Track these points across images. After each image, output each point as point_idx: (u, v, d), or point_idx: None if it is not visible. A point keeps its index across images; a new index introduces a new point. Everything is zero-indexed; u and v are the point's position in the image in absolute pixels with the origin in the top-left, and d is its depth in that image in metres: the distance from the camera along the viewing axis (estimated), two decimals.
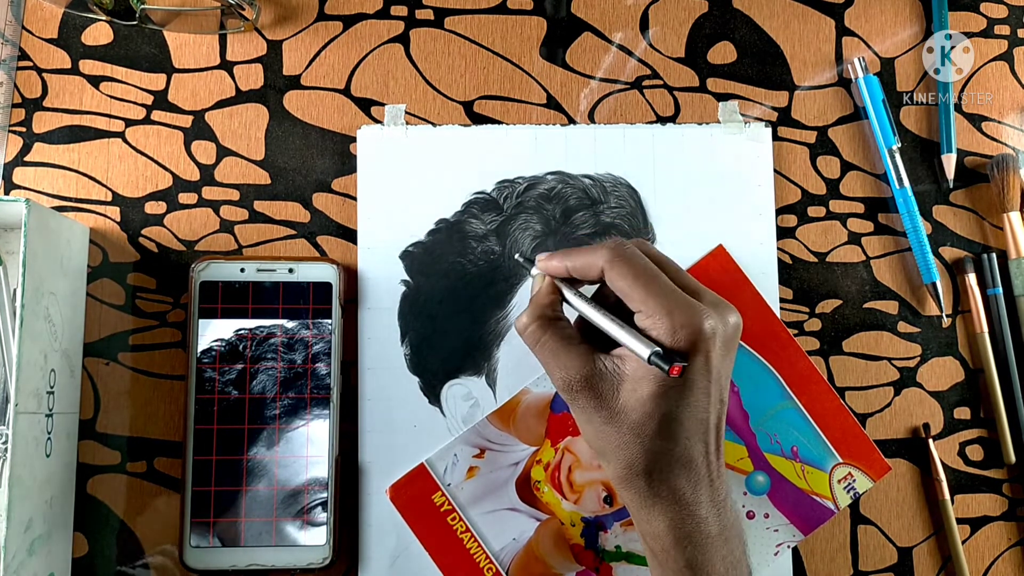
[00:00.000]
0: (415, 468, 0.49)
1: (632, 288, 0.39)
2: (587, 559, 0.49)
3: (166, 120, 0.53)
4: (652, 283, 0.39)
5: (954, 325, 0.53)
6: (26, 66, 0.53)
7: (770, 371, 0.50)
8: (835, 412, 0.50)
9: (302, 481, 0.48)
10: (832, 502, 0.50)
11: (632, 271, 0.40)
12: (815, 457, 0.50)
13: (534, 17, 0.55)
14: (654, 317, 0.39)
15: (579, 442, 0.50)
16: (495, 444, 0.50)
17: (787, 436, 0.50)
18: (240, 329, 0.49)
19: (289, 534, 0.48)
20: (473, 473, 0.49)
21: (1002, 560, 0.52)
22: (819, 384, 0.51)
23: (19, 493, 0.42)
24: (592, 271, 0.41)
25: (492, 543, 0.49)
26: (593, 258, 0.41)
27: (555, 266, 0.43)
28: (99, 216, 0.52)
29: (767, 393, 0.50)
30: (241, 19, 0.53)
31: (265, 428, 0.49)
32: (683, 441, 0.39)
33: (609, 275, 0.40)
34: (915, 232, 0.53)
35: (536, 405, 0.50)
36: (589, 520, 0.49)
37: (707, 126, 0.53)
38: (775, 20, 0.55)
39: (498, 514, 0.49)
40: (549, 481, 0.50)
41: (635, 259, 0.40)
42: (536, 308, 0.43)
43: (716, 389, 0.40)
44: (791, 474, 0.50)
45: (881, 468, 0.50)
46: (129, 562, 0.49)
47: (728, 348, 0.40)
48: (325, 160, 0.53)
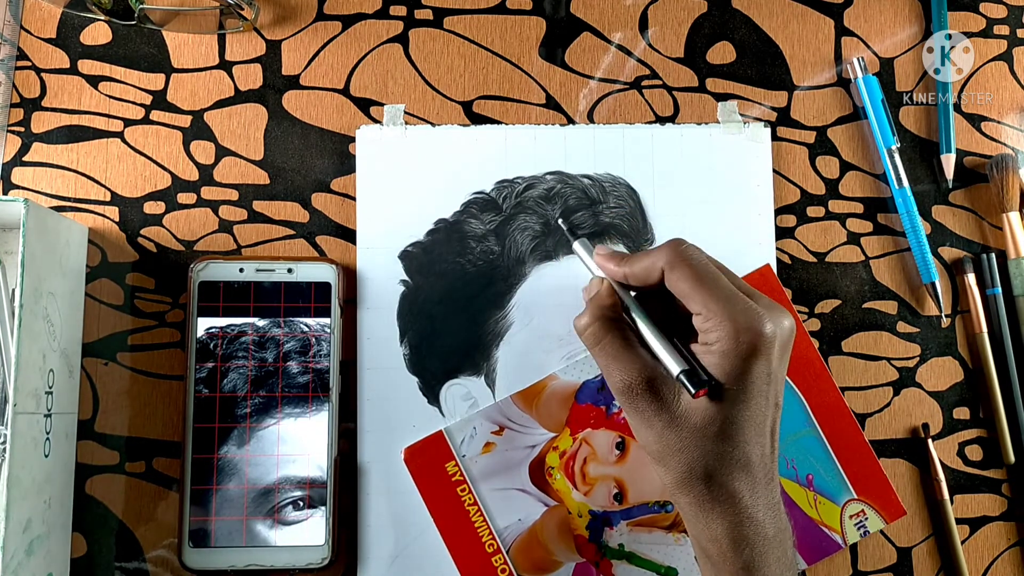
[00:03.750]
0: (432, 434, 0.49)
1: (694, 291, 0.40)
2: (589, 552, 0.49)
3: (165, 120, 0.53)
4: (714, 287, 0.39)
5: (953, 325, 0.53)
6: (25, 66, 0.53)
7: (798, 396, 0.50)
8: (857, 448, 0.50)
9: (301, 481, 0.48)
10: (840, 536, 0.50)
11: (694, 274, 0.40)
12: (830, 489, 0.50)
13: (533, 17, 0.55)
14: (715, 320, 0.39)
15: (597, 435, 0.50)
16: (515, 424, 0.50)
17: (804, 463, 0.50)
18: (239, 329, 0.49)
19: (288, 534, 0.48)
20: (489, 448, 0.49)
21: (1001, 560, 0.52)
22: (846, 419, 0.50)
23: (18, 493, 0.42)
24: (652, 275, 0.41)
25: (497, 520, 0.49)
26: (653, 260, 0.41)
27: (614, 270, 0.43)
28: (98, 216, 0.52)
29: (791, 418, 0.50)
30: (240, 19, 0.53)
31: (263, 428, 0.49)
32: (742, 444, 0.39)
33: (670, 277, 0.41)
34: (914, 232, 0.52)
35: (561, 392, 0.50)
36: (597, 514, 0.49)
37: (706, 126, 0.53)
38: (774, 20, 0.55)
39: (507, 493, 0.49)
40: (563, 469, 0.50)
41: (696, 261, 0.40)
42: (597, 309, 0.43)
43: (773, 392, 0.40)
44: (803, 501, 0.50)
45: (896, 511, 0.50)
46: (128, 562, 0.49)
47: (785, 351, 0.40)
48: (324, 160, 0.53)
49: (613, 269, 0.44)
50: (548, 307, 0.51)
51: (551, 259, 0.52)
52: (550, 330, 0.51)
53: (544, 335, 0.51)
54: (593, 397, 0.50)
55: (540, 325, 0.51)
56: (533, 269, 0.51)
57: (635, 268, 0.42)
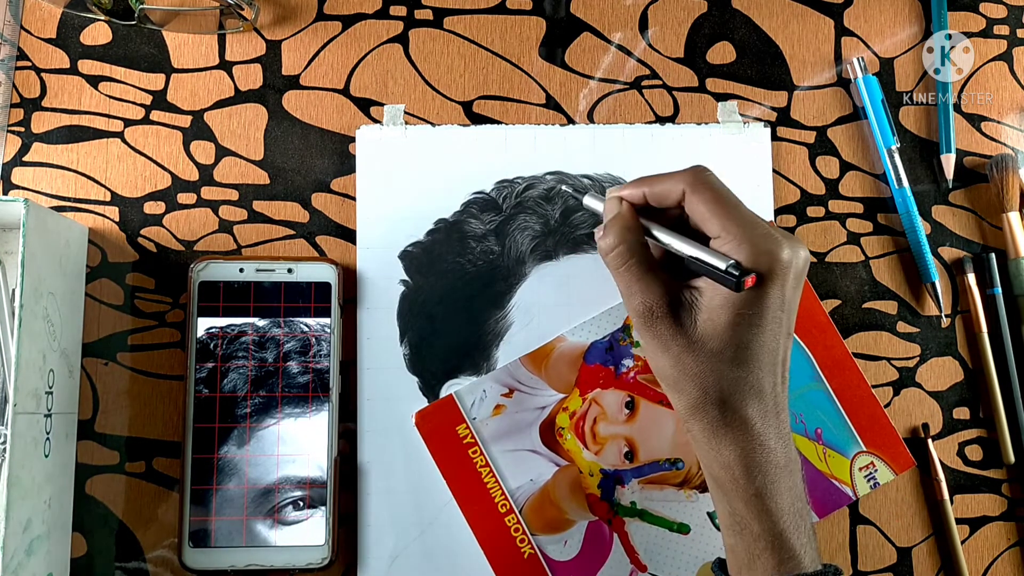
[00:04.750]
0: (443, 398, 0.50)
1: (713, 213, 0.40)
2: (601, 510, 0.49)
3: (165, 120, 0.53)
4: (733, 210, 0.40)
5: (953, 325, 0.53)
6: (25, 66, 0.53)
7: (804, 351, 0.51)
8: (864, 400, 0.50)
9: (301, 480, 0.48)
10: (851, 488, 0.50)
11: (714, 196, 0.40)
12: (838, 442, 0.50)
13: (533, 17, 0.55)
14: (734, 242, 0.39)
15: (607, 395, 0.50)
16: (525, 386, 0.50)
17: (812, 417, 0.50)
18: (239, 329, 0.49)
19: (288, 534, 0.48)
20: (499, 411, 0.50)
21: (1001, 560, 0.52)
22: (852, 371, 0.50)
23: (17, 493, 0.42)
24: (672, 196, 0.42)
25: (509, 481, 0.49)
26: (673, 183, 0.41)
27: (632, 192, 0.43)
28: (98, 216, 0.52)
29: (798, 372, 0.50)
30: (240, 19, 0.53)
31: (263, 428, 0.49)
32: (756, 371, 0.40)
33: (690, 199, 0.41)
34: (914, 232, 0.52)
35: (570, 354, 0.50)
36: (608, 472, 0.50)
37: (706, 126, 0.53)
38: (774, 20, 0.55)
39: (519, 454, 0.50)
40: (573, 429, 0.50)
41: (716, 185, 0.41)
42: (621, 232, 0.42)
43: (787, 320, 0.40)
44: (812, 455, 0.50)
45: (905, 462, 0.50)
46: (128, 562, 0.49)
47: (799, 281, 0.41)
48: (324, 160, 0.53)
49: (632, 191, 0.43)
50: (548, 307, 0.51)
51: (551, 259, 0.52)
52: (550, 330, 0.51)
53: (544, 335, 0.51)
54: (602, 357, 0.50)
55: (540, 325, 0.51)
56: (533, 269, 0.51)
57: (656, 188, 0.42)
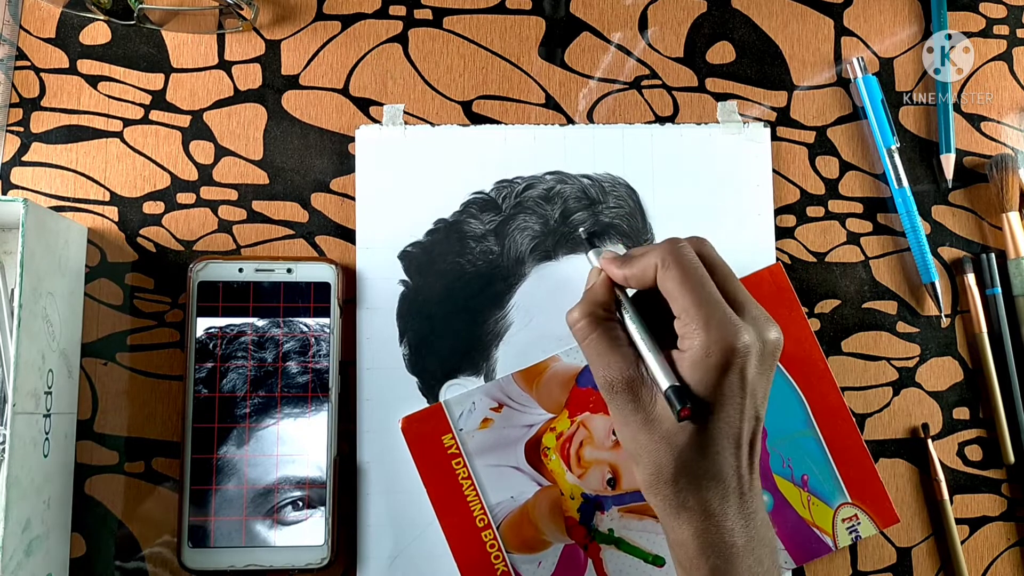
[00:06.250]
0: (432, 406, 0.50)
1: (678, 292, 0.40)
2: (578, 535, 0.49)
3: (164, 120, 0.53)
4: (697, 291, 0.39)
5: (953, 325, 0.53)
6: (24, 66, 0.53)
7: (799, 396, 0.50)
8: (855, 451, 0.50)
9: (301, 481, 0.48)
10: (831, 539, 0.50)
11: (681, 274, 0.40)
12: (824, 491, 0.50)
13: (533, 17, 0.55)
14: (691, 326, 0.39)
15: (595, 419, 0.50)
16: (514, 402, 0.50)
17: (800, 463, 0.50)
18: (239, 329, 0.49)
19: (288, 534, 0.48)
20: (487, 424, 0.50)
21: (1001, 560, 0.52)
22: (846, 422, 0.50)
23: (17, 494, 0.42)
24: (647, 276, 0.42)
25: (490, 496, 0.49)
26: (649, 260, 0.41)
27: (615, 273, 0.44)
28: (97, 216, 0.52)
29: (791, 417, 0.50)
30: (239, 19, 0.53)
31: (263, 428, 0.49)
32: (712, 455, 0.39)
33: (661, 275, 0.41)
34: (914, 232, 0.52)
35: (563, 374, 0.50)
36: (589, 497, 0.50)
37: (706, 126, 0.53)
38: (774, 20, 0.55)
39: (502, 470, 0.49)
40: (559, 450, 0.50)
41: (686, 263, 0.40)
42: (589, 305, 0.43)
43: (751, 405, 0.40)
44: (796, 501, 0.50)
45: (889, 518, 0.50)
46: (127, 562, 0.49)
47: (765, 365, 0.40)
48: (323, 160, 0.53)
49: (615, 272, 0.44)
50: (548, 307, 0.51)
51: (551, 259, 0.51)
52: (549, 330, 0.51)
53: (543, 335, 0.51)
54: (594, 381, 0.50)
55: (539, 325, 0.51)
56: (533, 269, 0.51)
57: (634, 269, 0.42)
